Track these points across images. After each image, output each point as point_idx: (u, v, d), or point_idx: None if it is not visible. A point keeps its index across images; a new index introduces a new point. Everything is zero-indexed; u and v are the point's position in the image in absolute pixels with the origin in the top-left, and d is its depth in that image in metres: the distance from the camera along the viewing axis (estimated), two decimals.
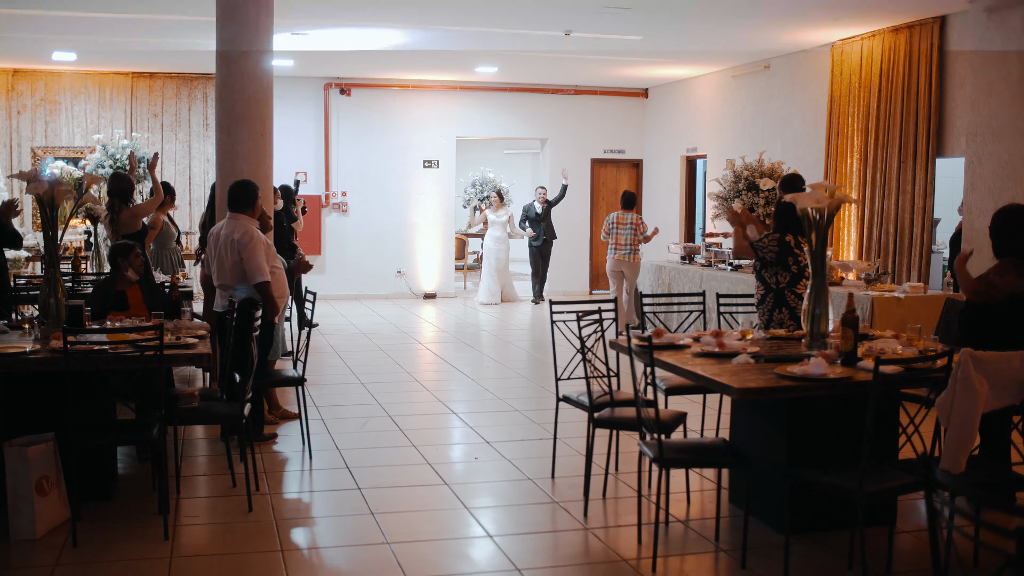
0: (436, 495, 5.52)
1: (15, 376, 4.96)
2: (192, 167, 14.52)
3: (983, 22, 8.46)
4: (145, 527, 4.90)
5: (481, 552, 4.69)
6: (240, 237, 6.04)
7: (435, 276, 15.56)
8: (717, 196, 10.74)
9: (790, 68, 12.25)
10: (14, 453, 4.72)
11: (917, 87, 9.85)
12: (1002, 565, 2.23)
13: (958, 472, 4.10)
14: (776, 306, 5.98)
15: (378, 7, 9.74)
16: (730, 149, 13.19)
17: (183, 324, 5.66)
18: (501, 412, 7.57)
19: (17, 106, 13.90)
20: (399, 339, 11.22)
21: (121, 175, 8.05)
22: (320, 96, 15.03)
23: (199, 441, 6.61)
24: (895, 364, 4.34)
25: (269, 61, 7.17)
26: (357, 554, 4.65)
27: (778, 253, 5.93)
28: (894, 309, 7.84)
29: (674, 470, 5.59)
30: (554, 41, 11.47)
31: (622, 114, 16.16)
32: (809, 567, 4.46)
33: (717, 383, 4.35)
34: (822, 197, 4.86)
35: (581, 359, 5.24)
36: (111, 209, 7.83)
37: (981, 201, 8.36)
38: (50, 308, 5.52)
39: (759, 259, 6.00)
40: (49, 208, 5.51)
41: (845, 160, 10.94)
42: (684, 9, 9.66)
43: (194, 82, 14.47)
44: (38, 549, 4.60)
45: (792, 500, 4.32)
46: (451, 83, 15.41)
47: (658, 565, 4.49)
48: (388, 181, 15.34)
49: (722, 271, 10.26)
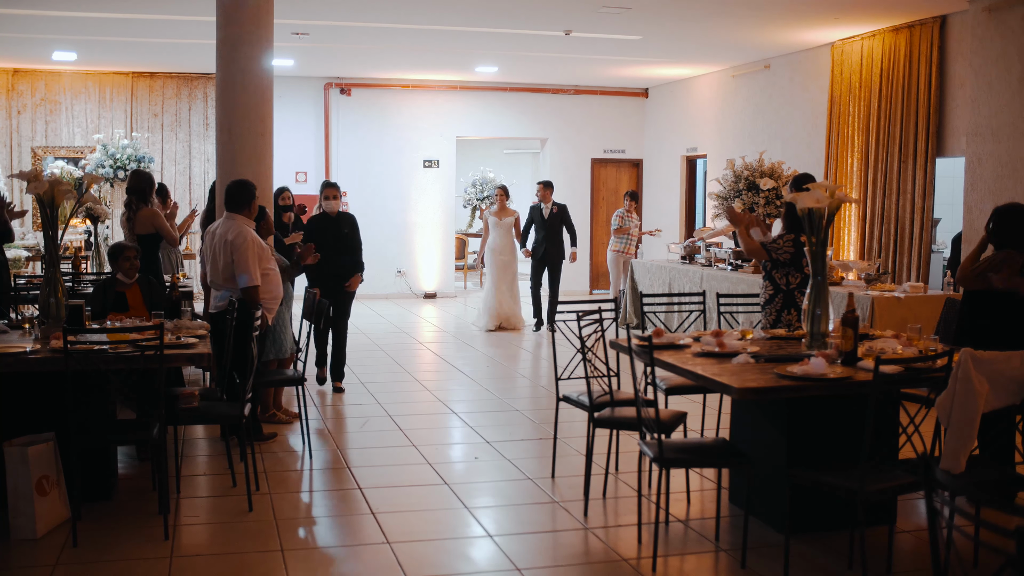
0: (436, 495, 5.52)
1: (15, 376, 4.96)
2: (192, 167, 14.52)
3: (983, 22, 8.46)
4: (145, 527, 4.90)
5: (481, 552, 4.70)
6: (233, 238, 6.03)
7: (435, 276, 15.56)
8: (717, 196, 10.74)
9: (790, 68, 12.25)
10: (14, 453, 4.72)
11: (917, 87, 9.85)
12: (1002, 565, 2.23)
13: (958, 472, 4.11)
14: (785, 307, 5.91)
15: (378, 6, 9.74)
16: (730, 149, 13.19)
17: (183, 324, 5.66)
18: (501, 412, 7.57)
19: (17, 106, 13.90)
20: (399, 339, 11.22)
21: (141, 173, 8.03)
22: (320, 96, 15.03)
23: (199, 441, 6.61)
24: (895, 364, 4.34)
25: (269, 61, 7.16)
26: (357, 554, 4.66)
27: (793, 254, 5.82)
28: (894, 309, 7.84)
29: (674, 470, 5.59)
30: (554, 41, 11.47)
31: (622, 114, 16.16)
32: (809, 567, 4.46)
33: (717, 383, 4.35)
34: (822, 197, 4.87)
35: (581, 359, 5.24)
36: (128, 207, 7.85)
37: (981, 201, 8.36)
38: (50, 308, 5.52)
39: (771, 259, 5.93)
40: (49, 208, 5.51)
41: (845, 160, 10.94)
42: (684, 9, 9.66)
43: (194, 82, 14.47)
44: (38, 549, 4.60)
45: (792, 500, 4.31)
46: (451, 83, 15.41)
47: (658, 565, 4.49)
48: (388, 181, 15.34)
49: (722, 271, 10.26)
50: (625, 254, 12.33)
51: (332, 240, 7.97)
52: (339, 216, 8.19)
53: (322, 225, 8.10)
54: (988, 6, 8.37)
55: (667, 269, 11.33)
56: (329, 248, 7.83)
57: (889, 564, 4.43)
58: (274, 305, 6.27)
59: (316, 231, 8.01)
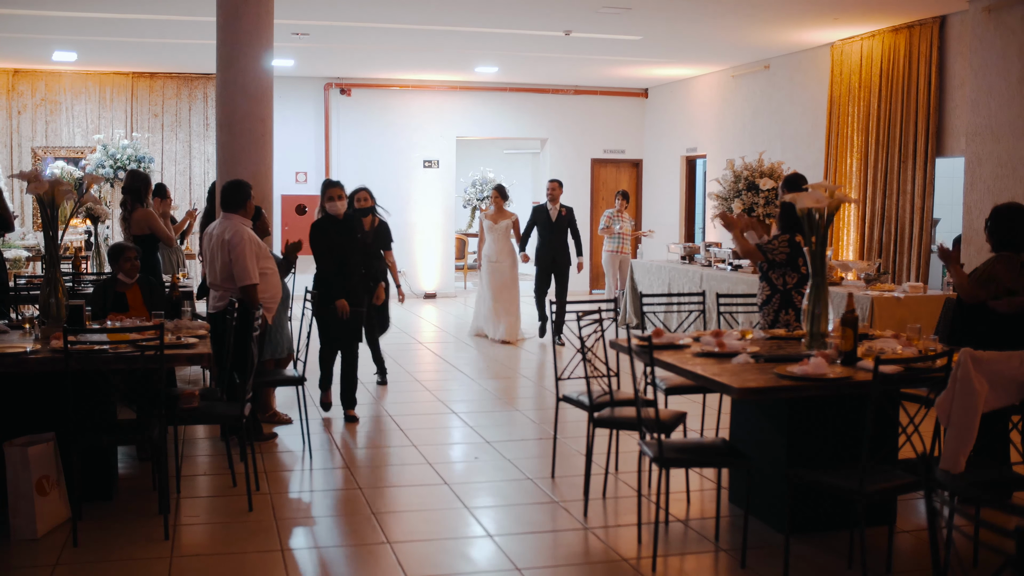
0: (436, 495, 5.52)
1: (15, 376, 4.96)
2: (192, 167, 14.52)
3: (983, 22, 8.46)
4: (145, 527, 4.90)
5: (481, 552, 4.70)
6: (230, 238, 6.03)
7: (435, 276, 15.57)
8: (717, 196, 10.74)
9: (790, 68, 12.25)
10: (14, 453, 4.72)
11: (917, 87, 9.86)
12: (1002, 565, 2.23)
13: (958, 472, 4.11)
14: (783, 307, 5.92)
15: (378, 6, 9.75)
16: (730, 149, 13.19)
17: (183, 324, 5.66)
18: (501, 412, 7.57)
19: (17, 106, 13.91)
20: (399, 339, 11.22)
21: (136, 173, 8.05)
22: (320, 96, 15.03)
23: (199, 441, 6.61)
24: (895, 364, 4.34)
25: (269, 61, 7.17)
26: (357, 554, 4.66)
27: (789, 254, 5.86)
28: (894, 309, 7.84)
29: (674, 470, 5.59)
30: (554, 41, 11.48)
31: (622, 114, 16.17)
32: (809, 567, 4.46)
33: (717, 383, 4.35)
34: (822, 197, 4.87)
35: (581, 359, 5.24)
36: (123, 207, 7.89)
37: (981, 201, 8.37)
38: (50, 308, 5.53)
39: (767, 260, 5.95)
40: (49, 208, 5.51)
41: (845, 160, 10.94)
42: (684, 9, 9.66)
43: (194, 82, 14.47)
44: (38, 549, 4.60)
45: (792, 500, 4.32)
46: (451, 83, 15.42)
47: (658, 565, 4.49)
48: (388, 181, 15.33)
49: (722, 271, 10.26)
50: (620, 253, 12.27)
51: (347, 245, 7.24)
52: (348, 218, 7.33)
53: (336, 228, 7.24)
54: (988, 6, 8.37)
55: (667, 269, 11.34)
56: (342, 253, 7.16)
57: (889, 564, 4.43)
58: (273, 305, 6.27)
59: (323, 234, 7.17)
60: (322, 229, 7.13)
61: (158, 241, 7.87)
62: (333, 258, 6.98)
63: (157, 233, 7.79)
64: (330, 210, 7.19)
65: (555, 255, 10.75)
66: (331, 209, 7.18)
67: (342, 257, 7.00)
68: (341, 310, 6.88)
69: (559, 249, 10.78)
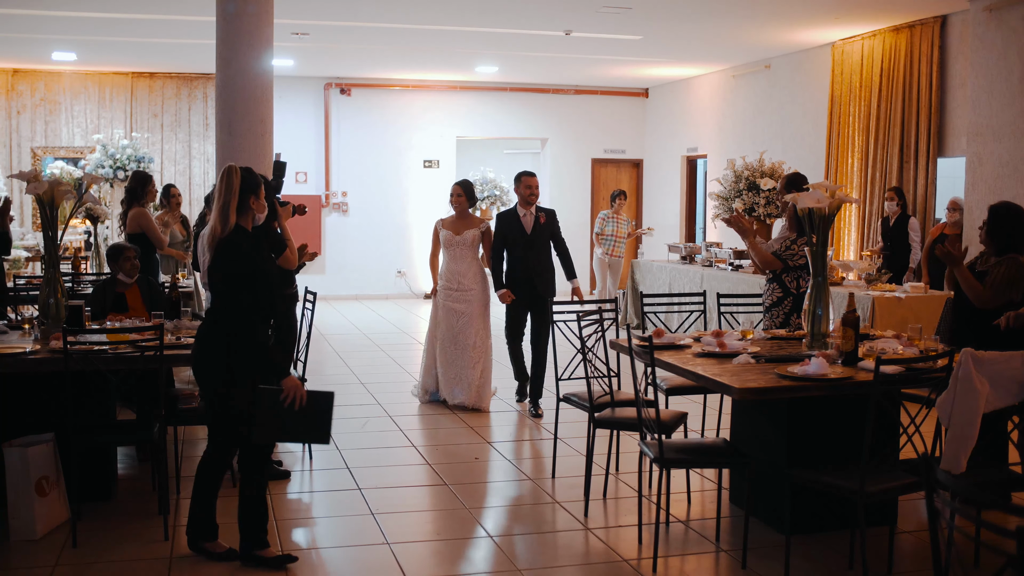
0: (436, 495, 5.51)
1: (15, 376, 4.95)
2: (192, 167, 14.52)
3: (983, 22, 8.46)
4: (145, 527, 4.90)
5: (481, 552, 4.69)
6: None
7: None
8: (718, 196, 10.74)
9: (790, 68, 12.25)
10: (14, 453, 4.71)
11: (917, 87, 9.85)
12: (1002, 565, 2.23)
13: (959, 472, 4.10)
14: (795, 310, 5.83)
15: (378, 6, 9.74)
16: (730, 149, 13.19)
17: (183, 324, 5.66)
18: (501, 412, 7.57)
19: (17, 106, 13.90)
20: (399, 339, 11.22)
21: (136, 172, 8.23)
22: (320, 96, 15.03)
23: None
24: (896, 364, 4.34)
25: (269, 61, 7.16)
26: (357, 554, 4.65)
27: (807, 258, 5.79)
28: (895, 309, 7.84)
29: (674, 470, 5.58)
30: (554, 41, 11.47)
31: (622, 114, 16.16)
32: (809, 567, 4.45)
33: (718, 383, 4.35)
34: (823, 197, 4.86)
35: (581, 359, 5.23)
36: (122, 205, 8.14)
37: (982, 201, 8.35)
38: (50, 308, 5.52)
39: (786, 266, 5.84)
40: (49, 208, 5.50)
41: (846, 160, 10.94)
42: (684, 9, 9.66)
43: (194, 82, 14.47)
44: (38, 549, 4.60)
45: (792, 500, 4.31)
46: (451, 83, 15.41)
47: (658, 565, 4.48)
48: (388, 181, 15.34)
49: (722, 271, 10.25)
50: (611, 256, 11.98)
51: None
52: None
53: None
54: (988, 6, 8.37)
55: (667, 269, 11.33)
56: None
57: (890, 564, 4.43)
58: None
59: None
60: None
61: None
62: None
63: (148, 234, 7.85)
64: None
65: (533, 280, 7.43)
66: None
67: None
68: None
69: (538, 271, 7.45)
